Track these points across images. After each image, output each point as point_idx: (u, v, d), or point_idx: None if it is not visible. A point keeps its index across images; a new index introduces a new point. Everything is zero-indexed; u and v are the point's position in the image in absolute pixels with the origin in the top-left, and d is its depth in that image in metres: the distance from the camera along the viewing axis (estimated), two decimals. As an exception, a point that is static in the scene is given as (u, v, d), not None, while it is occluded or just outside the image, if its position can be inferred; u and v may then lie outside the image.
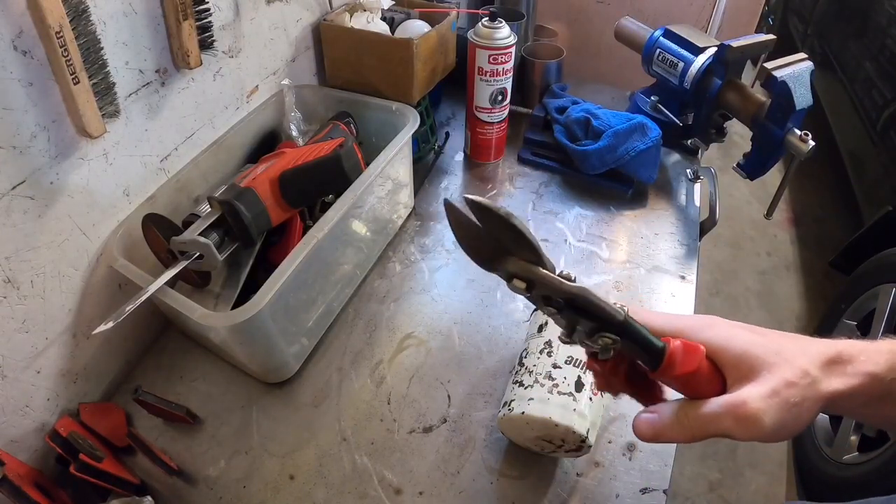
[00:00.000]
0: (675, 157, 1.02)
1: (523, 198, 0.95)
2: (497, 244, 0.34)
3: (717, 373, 0.34)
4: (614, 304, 0.34)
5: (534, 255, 0.34)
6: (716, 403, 0.33)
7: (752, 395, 0.31)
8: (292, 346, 0.67)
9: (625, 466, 0.59)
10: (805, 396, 0.31)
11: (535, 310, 0.64)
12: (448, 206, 0.35)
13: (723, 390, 0.34)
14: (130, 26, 0.57)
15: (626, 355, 0.37)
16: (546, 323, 0.60)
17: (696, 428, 0.33)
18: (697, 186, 0.96)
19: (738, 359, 0.33)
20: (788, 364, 0.32)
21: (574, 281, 0.34)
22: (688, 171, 0.98)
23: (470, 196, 0.33)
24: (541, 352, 0.57)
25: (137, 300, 0.54)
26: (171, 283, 0.58)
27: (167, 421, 0.64)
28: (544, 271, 0.33)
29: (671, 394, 0.37)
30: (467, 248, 0.36)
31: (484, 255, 0.35)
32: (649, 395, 0.39)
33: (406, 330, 0.73)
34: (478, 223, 0.34)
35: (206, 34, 0.65)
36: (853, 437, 1.33)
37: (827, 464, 1.36)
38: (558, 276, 0.33)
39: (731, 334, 0.34)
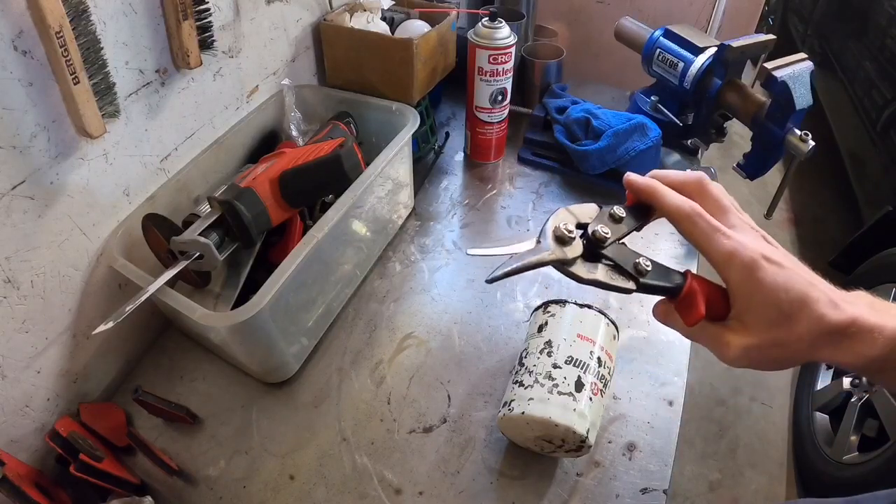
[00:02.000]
0: (675, 157, 1.02)
1: (523, 198, 0.95)
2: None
3: (725, 301, 0.37)
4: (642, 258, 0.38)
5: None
6: (709, 330, 0.37)
7: (736, 343, 0.35)
8: (292, 346, 0.67)
9: (625, 466, 0.59)
10: (787, 357, 0.34)
11: (536, 310, 0.64)
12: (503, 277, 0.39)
13: (728, 311, 0.36)
14: (130, 26, 0.57)
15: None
16: (546, 323, 0.60)
17: (690, 335, 0.38)
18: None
19: (749, 309, 0.35)
20: (789, 327, 0.33)
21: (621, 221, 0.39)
22: (688, 171, 0.98)
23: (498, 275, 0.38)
24: (541, 352, 0.57)
25: (137, 300, 0.54)
26: (171, 283, 0.58)
27: (167, 421, 0.64)
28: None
29: None
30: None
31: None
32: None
33: (406, 330, 0.73)
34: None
35: (206, 34, 0.65)
36: (853, 437, 1.33)
37: (827, 464, 1.36)
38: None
39: (759, 286, 0.34)
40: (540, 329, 0.60)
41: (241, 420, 0.64)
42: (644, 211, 0.40)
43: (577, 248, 0.38)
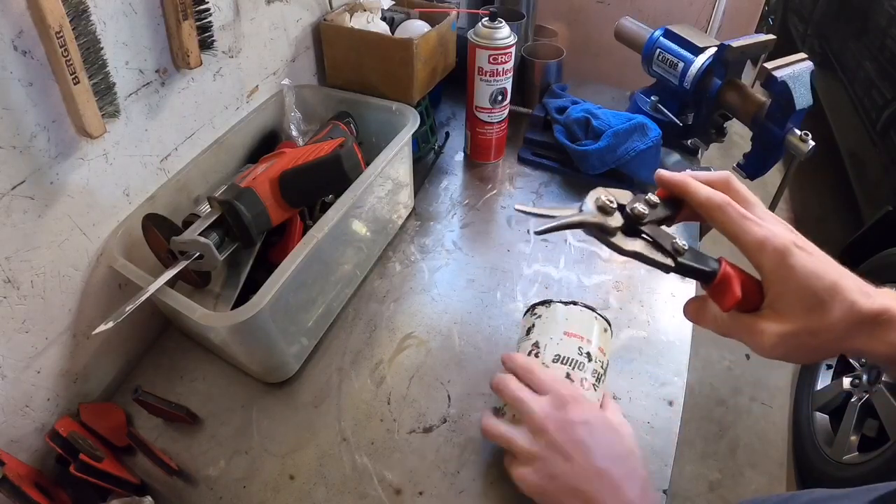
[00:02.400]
0: (675, 157, 1.02)
1: (523, 198, 0.95)
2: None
3: (758, 291, 0.37)
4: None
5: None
6: (743, 321, 0.37)
7: (771, 331, 0.35)
8: (292, 346, 0.67)
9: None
10: (819, 346, 0.34)
11: (525, 314, 0.64)
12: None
13: (761, 300, 0.37)
14: (130, 26, 0.57)
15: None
16: (533, 325, 0.60)
17: (724, 329, 0.39)
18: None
19: (782, 295, 0.35)
20: (821, 315, 0.34)
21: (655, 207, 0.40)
22: (688, 171, 0.98)
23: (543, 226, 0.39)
24: (528, 353, 0.57)
25: (137, 300, 0.54)
26: (171, 283, 0.58)
27: (167, 421, 0.64)
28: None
29: None
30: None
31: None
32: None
33: (406, 330, 0.73)
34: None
35: (206, 34, 0.65)
36: (853, 437, 1.33)
37: (827, 464, 1.36)
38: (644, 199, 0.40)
39: (792, 272, 0.35)
40: (528, 332, 0.60)
41: (241, 420, 0.64)
42: (672, 206, 0.41)
43: (617, 219, 0.39)
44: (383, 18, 0.95)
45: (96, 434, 0.60)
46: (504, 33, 0.87)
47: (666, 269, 0.39)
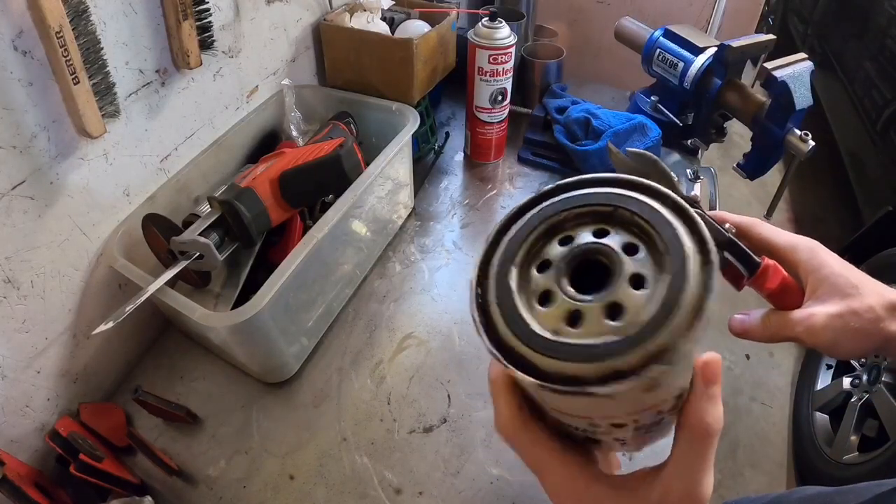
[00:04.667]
0: (675, 157, 1.02)
1: (523, 198, 0.94)
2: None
3: (800, 290, 0.40)
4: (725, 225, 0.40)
5: (670, 184, 0.39)
6: (791, 315, 0.39)
7: (820, 311, 0.38)
8: (292, 346, 0.67)
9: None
10: (864, 327, 0.37)
11: None
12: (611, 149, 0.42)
13: (800, 300, 0.40)
14: (130, 26, 0.57)
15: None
16: None
17: (775, 330, 0.40)
18: (697, 186, 0.96)
19: (821, 282, 0.39)
20: (859, 298, 0.38)
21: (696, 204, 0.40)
22: (688, 171, 0.98)
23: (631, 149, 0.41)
24: None
25: (137, 300, 0.54)
26: (171, 283, 0.58)
27: (167, 421, 0.64)
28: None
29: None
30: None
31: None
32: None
33: (406, 330, 0.73)
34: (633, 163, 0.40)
35: (206, 34, 0.65)
36: (853, 437, 1.33)
37: (827, 464, 1.36)
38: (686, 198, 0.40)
39: (825, 262, 0.39)
40: None
41: (241, 420, 0.64)
42: None
43: None
44: (383, 18, 0.95)
45: (96, 434, 0.60)
46: (504, 33, 0.87)
47: (729, 246, 0.40)
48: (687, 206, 0.25)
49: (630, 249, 0.24)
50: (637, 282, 0.23)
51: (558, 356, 0.23)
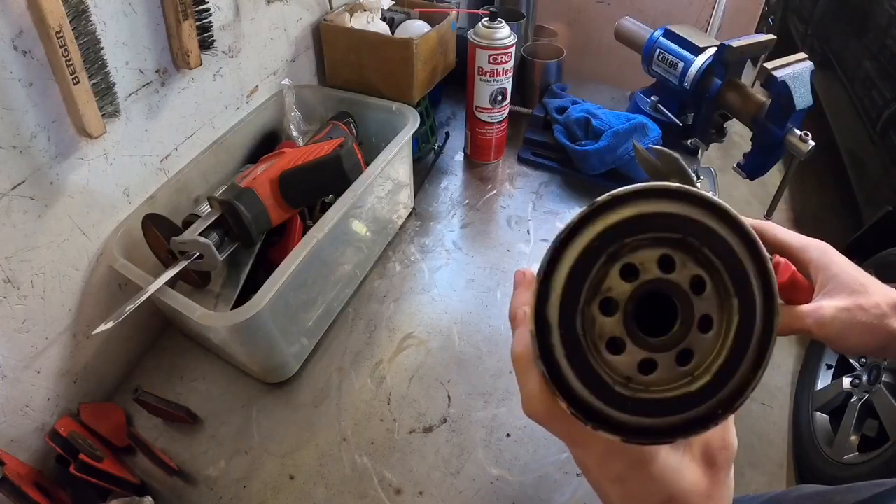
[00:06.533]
0: (675, 157, 1.02)
1: (523, 198, 0.95)
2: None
3: (809, 287, 0.42)
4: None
5: (688, 181, 0.40)
6: (801, 308, 0.41)
7: (828, 304, 0.40)
8: (292, 346, 0.67)
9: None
10: (870, 322, 0.39)
11: None
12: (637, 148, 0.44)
13: (810, 296, 0.42)
14: (130, 26, 0.57)
15: None
16: None
17: (786, 322, 0.41)
18: (697, 186, 0.96)
19: (830, 279, 0.41)
20: (866, 295, 0.40)
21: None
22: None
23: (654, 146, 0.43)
24: None
25: (137, 300, 0.54)
26: (171, 283, 0.58)
27: (167, 421, 0.64)
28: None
29: None
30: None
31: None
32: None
33: (406, 330, 0.73)
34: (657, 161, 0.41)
35: (206, 34, 0.65)
36: (853, 437, 1.33)
37: (827, 464, 1.36)
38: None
39: (835, 261, 0.42)
40: None
41: (241, 420, 0.64)
42: None
43: None
44: (383, 18, 0.95)
45: (96, 434, 0.60)
46: (504, 33, 0.87)
47: None
48: (758, 241, 0.23)
49: (698, 286, 0.24)
50: (705, 325, 0.24)
51: (638, 413, 0.23)
